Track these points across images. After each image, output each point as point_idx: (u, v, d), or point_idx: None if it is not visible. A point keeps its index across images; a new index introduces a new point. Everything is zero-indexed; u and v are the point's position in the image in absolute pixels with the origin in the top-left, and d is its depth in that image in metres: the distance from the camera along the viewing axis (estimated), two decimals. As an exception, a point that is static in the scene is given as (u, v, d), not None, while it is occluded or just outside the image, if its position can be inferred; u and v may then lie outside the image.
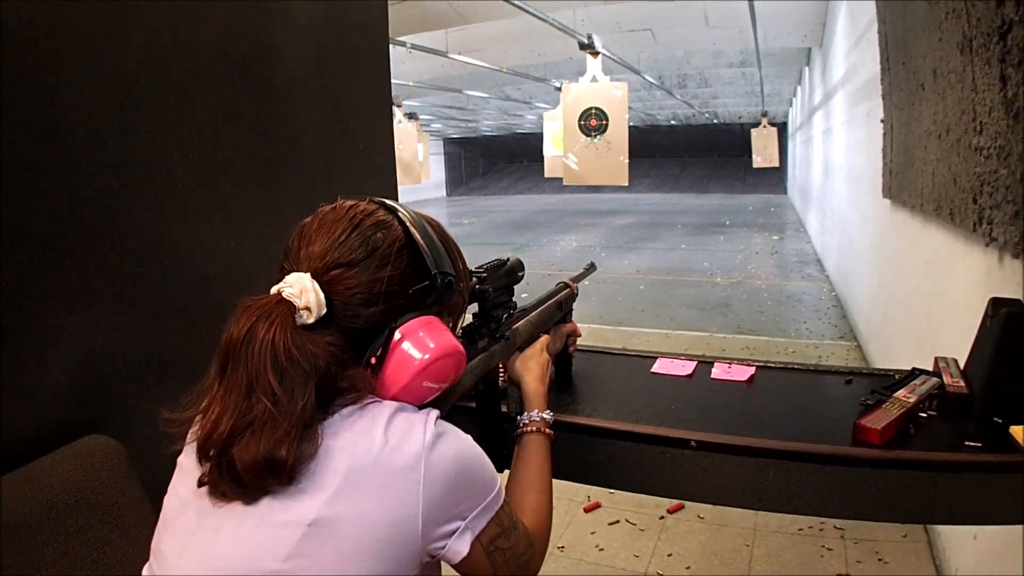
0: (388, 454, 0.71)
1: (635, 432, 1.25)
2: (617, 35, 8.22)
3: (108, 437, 1.12)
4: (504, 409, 1.20)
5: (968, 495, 1.12)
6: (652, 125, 24.09)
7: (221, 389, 0.73)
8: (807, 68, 11.97)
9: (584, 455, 1.28)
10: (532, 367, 1.13)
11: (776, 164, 14.87)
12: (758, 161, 14.62)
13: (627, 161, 6.30)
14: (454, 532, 0.75)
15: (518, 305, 1.22)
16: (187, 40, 1.33)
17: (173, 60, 1.30)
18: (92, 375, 1.17)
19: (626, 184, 6.52)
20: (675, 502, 2.97)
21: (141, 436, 1.08)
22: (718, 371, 1.50)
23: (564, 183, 6.78)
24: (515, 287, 1.21)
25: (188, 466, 0.77)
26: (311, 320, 0.74)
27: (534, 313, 1.23)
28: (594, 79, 6.52)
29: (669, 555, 2.64)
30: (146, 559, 0.79)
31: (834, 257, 7.89)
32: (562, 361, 1.44)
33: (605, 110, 6.37)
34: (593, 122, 6.42)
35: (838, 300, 6.91)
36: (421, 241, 0.82)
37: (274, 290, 0.76)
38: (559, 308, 1.33)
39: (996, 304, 1.28)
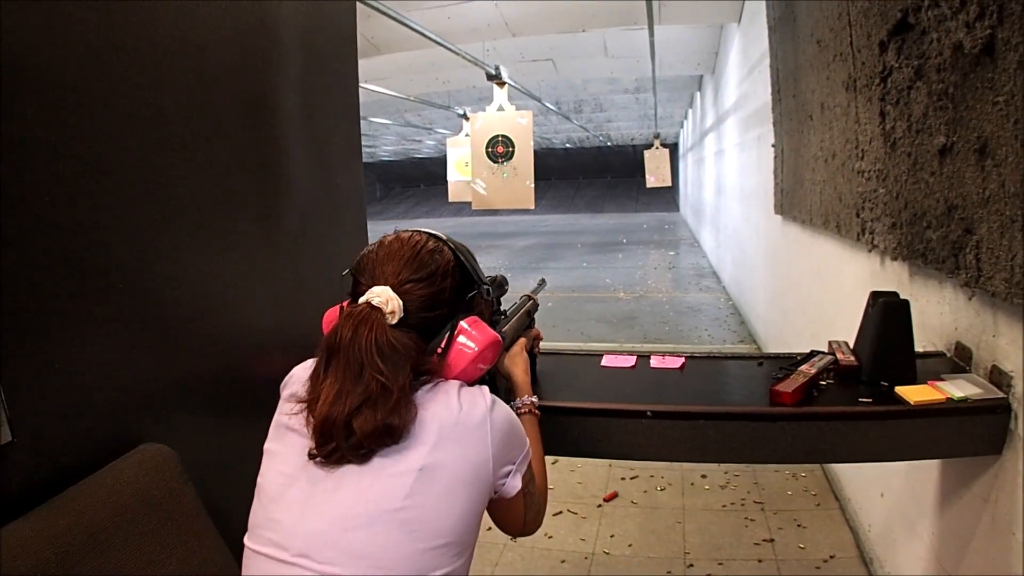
0: (465, 416, 0.96)
1: (601, 409, 1.56)
2: (521, 64, 8.63)
3: (161, 444, 1.21)
4: None
5: (863, 439, 1.48)
6: (547, 148, 24.84)
7: (330, 379, 0.94)
8: (698, 93, 12.78)
9: (561, 432, 1.54)
10: (518, 362, 1.40)
11: (668, 183, 15.63)
12: (651, 181, 15.32)
13: (532, 186, 6.67)
14: (510, 472, 1.02)
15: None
16: (208, 90, 1.48)
17: (195, 112, 1.43)
18: (134, 394, 1.25)
19: (532, 208, 6.88)
20: (610, 491, 3.28)
21: (181, 445, 1.23)
22: (655, 362, 1.83)
23: (473, 208, 7.05)
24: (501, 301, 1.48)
25: (279, 449, 0.98)
26: (394, 321, 0.98)
27: (514, 320, 1.50)
28: (501, 108, 6.87)
29: (611, 536, 2.93)
30: (216, 556, 0.99)
31: (729, 269, 8.51)
32: (529, 360, 1.72)
33: (512, 138, 6.73)
34: (500, 149, 6.75)
35: (735, 308, 7.51)
36: (465, 262, 1.10)
37: (363, 300, 0.99)
38: (528, 316, 1.60)
39: (875, 295, 1.66)
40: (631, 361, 1.83)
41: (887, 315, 1.60)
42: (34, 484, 1.01)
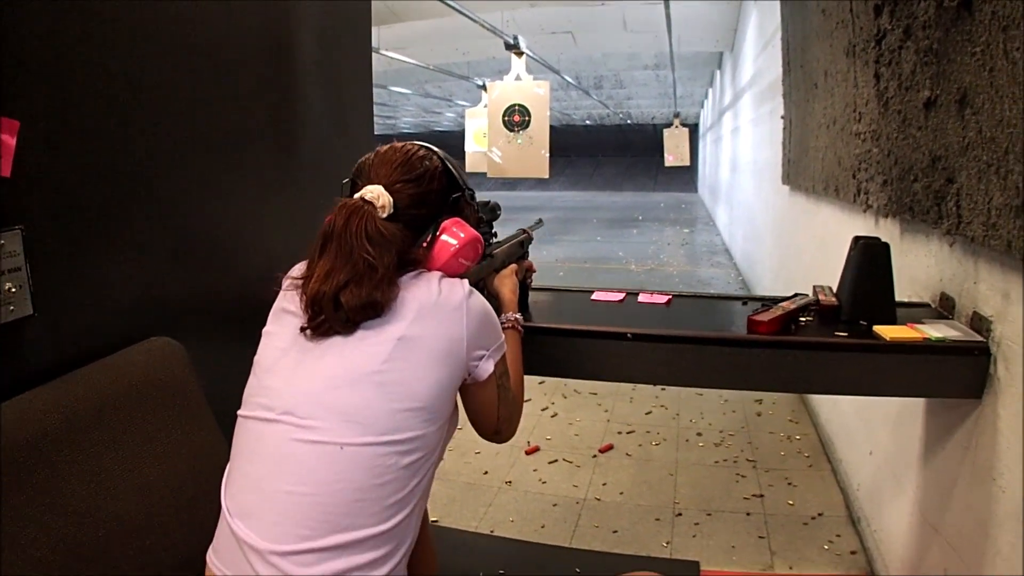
0: (443, 299, 1.06)
1: (585, 330, 1.65)
2: (540, 37, 8.65)
3: (169, 338, 1.30)
4: None
5: (839, 370, 1.56)
6: (568, 125, 24.76)
7: (322, 261, 1.05)
8: (718, 71, 12.72)
9: (547, 353, 1.64)
10: (507, 283, 1.50)
11: (687, 163, 15.61)
12: (670, 160, 15.32)
13: (548, 155, 6.74)
14: (483, 356, 1.10)
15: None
16: (234, 28, 1.59)
17: (222, 47, 1.56)
18: (150, 295, 1.37)
19: (546, 176, 6.95)
20: (606, 443, 3.40)
21: (189, 344, 1.33)
22: (643, 297, 1.92)
23: (488, 175, 7.11)
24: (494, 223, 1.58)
25: (276, 329, 1.09)
26: (384, 215, 1.09)
27: (506, 245, 1.60)
28: (518, 78, 6.93)
29: (604, 484, 3.04)
30: (210, 438, 1.10)
31: (740, 245, 8.56)
32: (521, 290, 1.79)
33: (528, 107, 6.79)
34: (516, 118, 6.82)
35: (744, 283, 7.56)
36: (452, 169, 1.21)
37: (356, 196, 1.10)
38: (520, 247, 1.70)
39: (857, 239, 1.74)
40: (620, 296, 1.93)
41: (867, 256, 1.67)
42: (50, 360, 1.11)
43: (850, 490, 2.79)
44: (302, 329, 1.04)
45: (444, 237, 1.15)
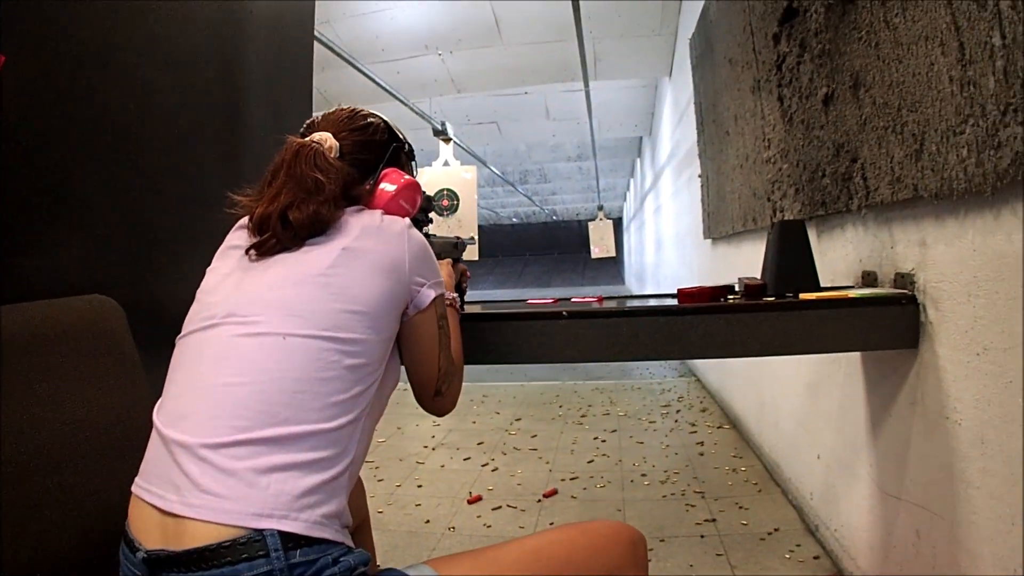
0: (386, 225, 1.09)
1: (522, 312, 1.68)
2: (466, 128, 9.01)
3: (109, 298, 1.29)
4: None
5: (771, 331, 1.61)
6: (495, 224, 25.37)
7: (272, 188, 1.08)
8: (638, 159, 13.36)
9: (481, 339, 1.64)
10: (444, 267, 1.51)
11: (613, 253, 16.08)
12: (596, 252, 15.77)
13: (476, 237, 6.90)
14: (423, 284, 1.11)
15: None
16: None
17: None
18: (97, 254, 1.40)
19: (476, 259, 7.09)
20: (550, 487, 3.35)
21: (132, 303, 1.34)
22: (575, 299, 1.97)
23: (417, 260, 7.20)
24: (430, 215, 1.62)
25: (219, 264, 1.10)
26: (331, 155, 1.13)
27: (442, 239, 1.63)
28: (446, 163, 7.19)
29: (551, 523, 2.98)
30: (141, 395, 1.07)
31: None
32: (453, 273, 1.85)
33: (456, 191, 7.03)
34: (445, 203, 7.04)
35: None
36: (393, 126, 1.28)
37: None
38: (455, 248, 1.73)
39: (773, 223, 1.84)
40: (552, 300, 1.97)
41: (784, 232, 1.78)
42: None
43: (804, 502, 2.80)
44: (247, 251, 1.04)
45: (384, 182, 1.20)
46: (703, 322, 1.61)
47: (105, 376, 1.14)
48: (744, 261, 3.66)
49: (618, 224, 19.32)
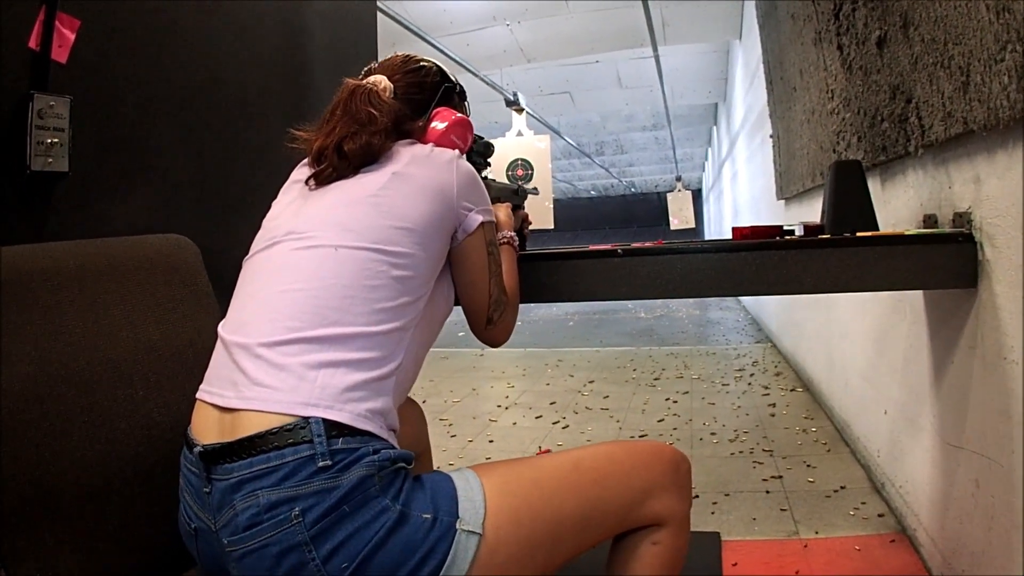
0: (436, 155, 1.17)
1: (577, 251, 1.71)
2: (539, 98, 9.03)
3: (185, 236, 1.38)
4: None
5: (827, 267, 1.58)
6: (573, 197, 25.25)
7: (329, 124, 1.17)
8: (715, 127, 13.06)
9: (538, 278, 1.69)
10: (503, 209, 1.57)
11: (692, 225, 15.70)
12: (675, 223, 15.44)
13: (552, 207, 6.96)
14: (471, 209, 1.18)
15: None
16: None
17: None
18: (173, 201, 1.57)
19: (552, 227, 7.14)
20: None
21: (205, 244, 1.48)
22: (636, 244, 1.99)
23: (493, 229, 7.31)
24: (489, 160, 1.68)
25: (283, 197, 1.20)
26: (385, 96, 1.22)
27: (501, 184, 1.68)
28: (519, 134, 7.23)
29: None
30: (214, 324, 1.13)
31: (748, 287, 8.61)
32: (519, 239, 1.91)
33: (531, 160, 7.07)
34: (520, 172, 7.09)
35: (754, 321, 7.60)
36: (445, 69, 1.36)
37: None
38: (515, 194, 1.77)
39: (830, 166, 1.84)
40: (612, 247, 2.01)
41: (839, 173, 1.77)
42: (75, 222, 1.26)
43: (871, 460, 2.77)
44: (306, 181, 1.15)
45: (436, 120, 1.28)
46: (757, 258, 1.60)
47: (180, 303, 1.25)
48: (815, 219, 3.59)
49: (697, 195, 18.93)
